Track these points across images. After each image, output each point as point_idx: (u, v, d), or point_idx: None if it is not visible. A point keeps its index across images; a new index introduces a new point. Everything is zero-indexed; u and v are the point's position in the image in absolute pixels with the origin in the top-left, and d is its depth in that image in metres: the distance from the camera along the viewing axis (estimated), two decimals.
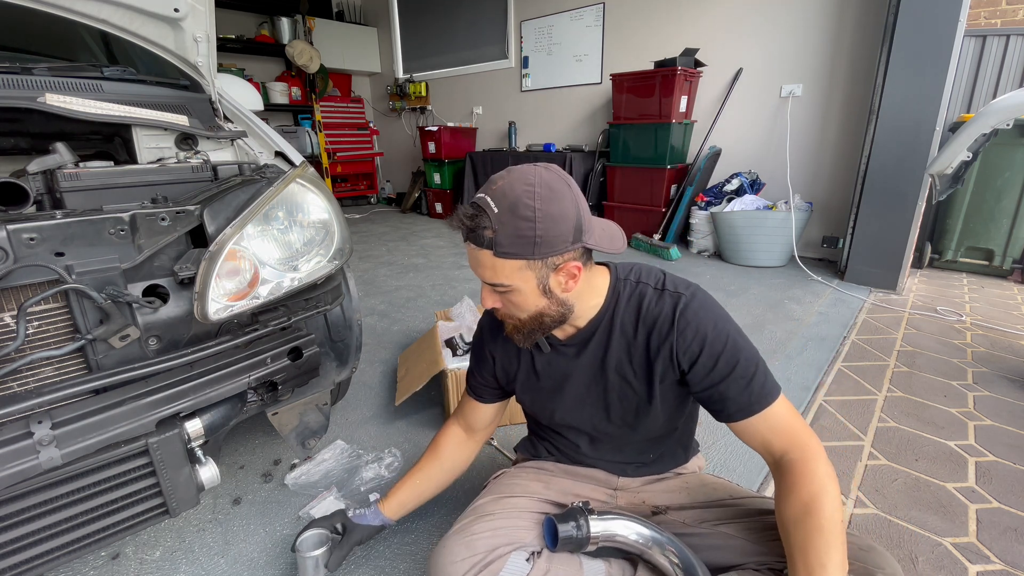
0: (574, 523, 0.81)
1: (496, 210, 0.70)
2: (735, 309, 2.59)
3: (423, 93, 5.93)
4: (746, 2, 3.56)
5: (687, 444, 1.03)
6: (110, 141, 1.33)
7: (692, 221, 3.75)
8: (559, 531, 0.80)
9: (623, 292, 0.84)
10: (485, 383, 1.01)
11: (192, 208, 0.94)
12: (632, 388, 0.85)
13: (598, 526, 0.81)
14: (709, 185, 3.84)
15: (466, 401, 1.06)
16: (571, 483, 1.00)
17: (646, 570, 0.87)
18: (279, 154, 1.31)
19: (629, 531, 0.83)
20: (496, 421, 1.07)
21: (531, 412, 1.04)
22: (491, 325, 0.97)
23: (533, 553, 0.84)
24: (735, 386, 0.76)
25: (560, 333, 0.88)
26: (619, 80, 3.79)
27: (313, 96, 5.71)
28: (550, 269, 0.74)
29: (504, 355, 0.96)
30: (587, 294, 0.82)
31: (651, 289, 0.82)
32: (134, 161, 1.19)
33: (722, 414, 0.79)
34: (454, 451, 1.06)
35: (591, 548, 0.82)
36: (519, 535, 0.86)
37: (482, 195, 0.72)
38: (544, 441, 1.06)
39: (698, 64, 3.67)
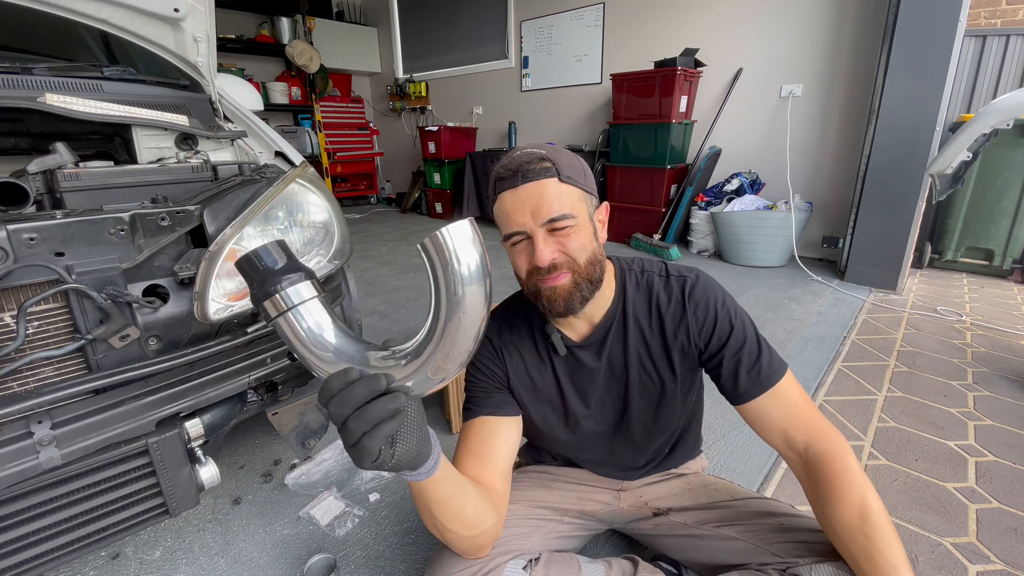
0: (280, 254, 0.60)
1: (543, 150, 0.74)
2: None
3: (423, 93, 5.93)
4: (746, 2, 3.55)
5: (698, 432, 1.03)
6: (110, 141, 1.33)
7: (692, 221, 3.75)
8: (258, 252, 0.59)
9: (630, 281, 0.85)
10: (502, 396, 0.86)
11: (192, 208, 0.94)
12: (651, 379, 0.86)
13: (298, 294, 0.58)
14: (709, 185, 3.84)
15: (474, 432, 0.82)
16: (574, 486, 0.99)
17: (647, 571, 0.87)
18: (279, 154, 1.32)
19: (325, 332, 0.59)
20: (511, 462, 0.84)
21: (548, 431, 0.91)
22: (506, 320, 0.89)
23: (531, 561, 0.84)
24: (747, 359, 0.78)
25: (574, 334, 0.85)
26: (619, 80, 3.79)
27: (313, 96, 5.71)
28: (592, 206, 0.77)
29: (519, 363, 0.87)
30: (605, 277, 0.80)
31: (656, 277, 0.85)
32: (134, 161, 1.19)
33: (735, 392, 0.79)
34: (483, 496, 0.74)
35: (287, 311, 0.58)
36: (517, 543, 0.86)
37: (520, 151, 0.75)
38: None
39: (698, 64, 3.67)
